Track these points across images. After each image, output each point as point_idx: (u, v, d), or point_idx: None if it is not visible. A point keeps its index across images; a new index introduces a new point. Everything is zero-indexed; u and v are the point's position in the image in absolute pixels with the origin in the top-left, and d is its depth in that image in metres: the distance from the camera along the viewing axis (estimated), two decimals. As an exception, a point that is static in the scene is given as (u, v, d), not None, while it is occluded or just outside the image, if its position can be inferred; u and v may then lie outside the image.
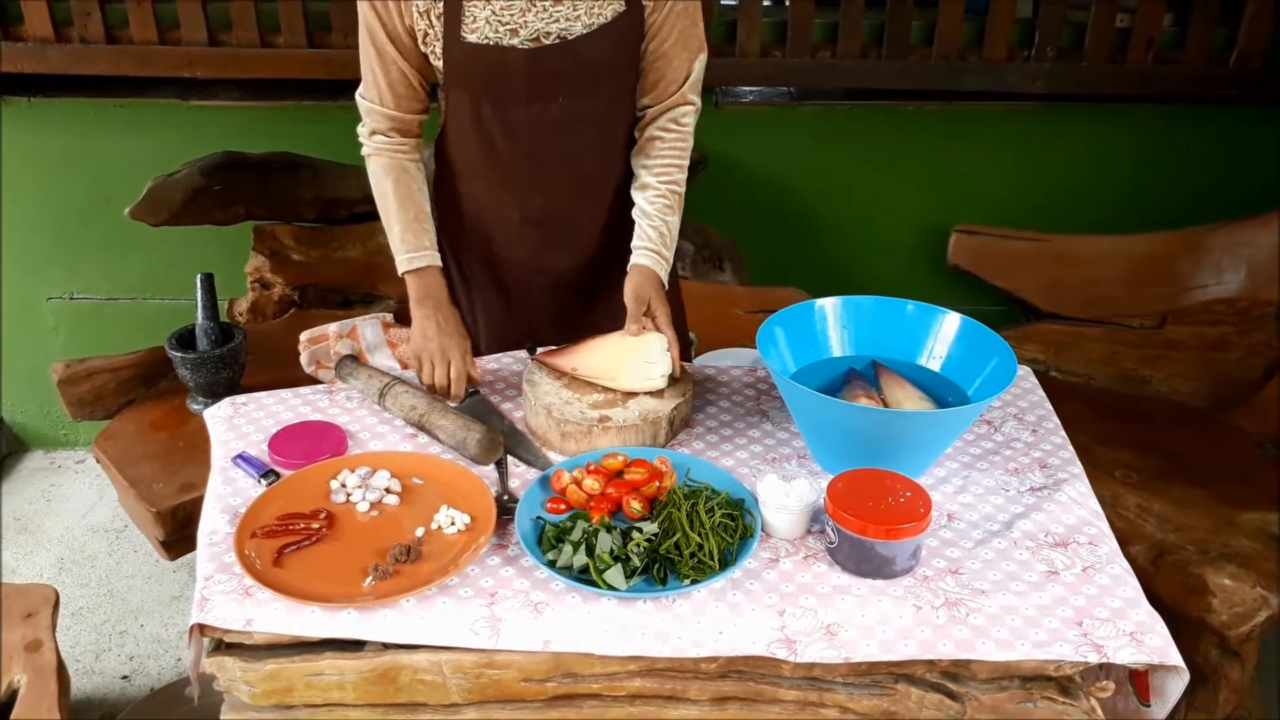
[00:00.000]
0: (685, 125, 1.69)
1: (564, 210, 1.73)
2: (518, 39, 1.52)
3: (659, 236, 1.65)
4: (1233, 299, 2.55)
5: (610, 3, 1.54)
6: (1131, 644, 1.18)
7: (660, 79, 1.64)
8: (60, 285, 2.95)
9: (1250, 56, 2.61)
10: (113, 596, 2.60)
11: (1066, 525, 1.37)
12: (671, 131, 1.68)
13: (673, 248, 1.67)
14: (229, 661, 1.22)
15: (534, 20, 1.51)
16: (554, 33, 1.53)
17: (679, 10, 1.58)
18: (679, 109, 1.67)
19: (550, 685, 1.22)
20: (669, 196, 1.67)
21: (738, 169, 2.80)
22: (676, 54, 1.62)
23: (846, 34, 2.61)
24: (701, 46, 1.65)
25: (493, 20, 1.51)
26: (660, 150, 1.67)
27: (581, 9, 1.52)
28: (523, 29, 1.52)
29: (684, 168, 1.69)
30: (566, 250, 1.78)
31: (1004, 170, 2.83)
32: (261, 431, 1.56)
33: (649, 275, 1.63)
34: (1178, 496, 2.12)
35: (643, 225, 1.66)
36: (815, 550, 1.32)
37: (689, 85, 1.66)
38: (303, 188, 2.61)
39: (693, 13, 1.61)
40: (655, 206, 1.66)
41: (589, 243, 1.78)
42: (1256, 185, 2.73)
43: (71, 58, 2.56)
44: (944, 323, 1.56)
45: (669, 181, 1.67)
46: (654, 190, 1.66)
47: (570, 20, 1.52)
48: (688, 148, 1.70)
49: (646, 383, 1.55)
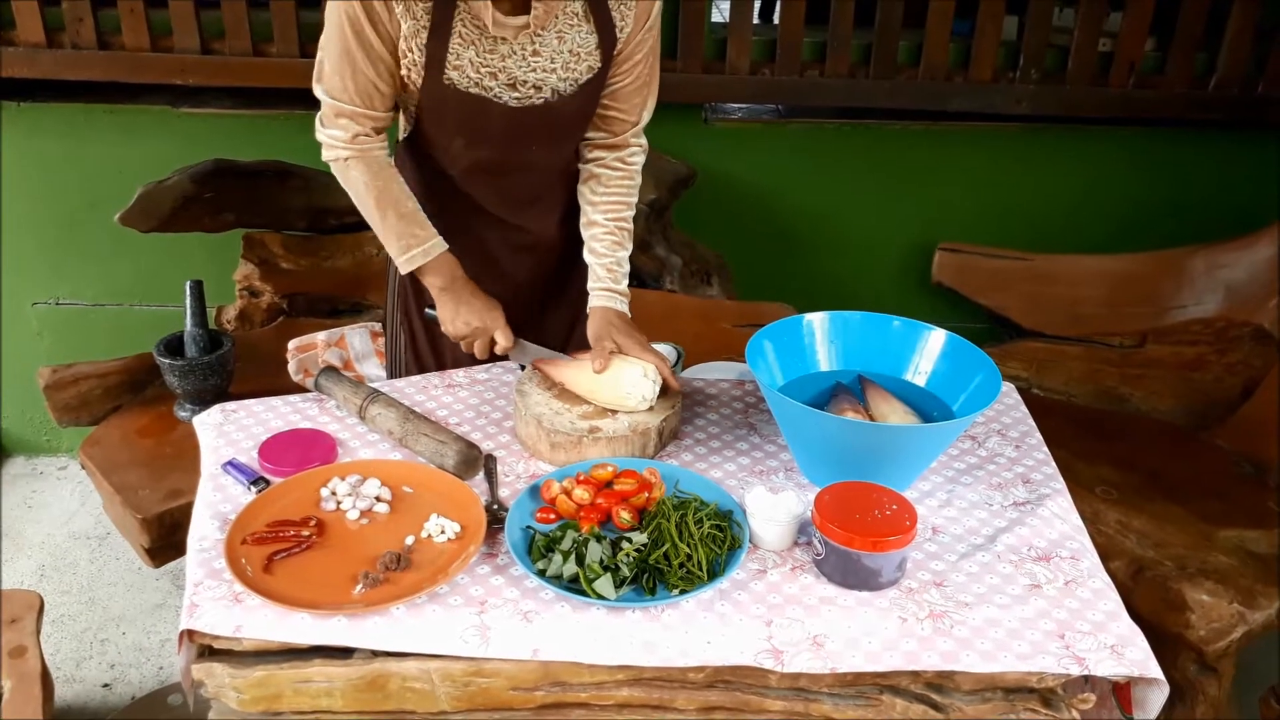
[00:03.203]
0: (633, 164, 1.74)
1: (514, 226, 1.77)
2: (496, 84, 1.55)
3: (608, 274, 1.70)
4: (1211, 319, 2.59)
5: (585, 59, 1.58)
6: (1112, 656, 1.20)
7: (614, 119, 1.70)
8: (47, 290, 2.93)
9: (1230, 81, 2.66)
10: (94, 604, 2.58)
11: (1049, 540, 1.39)
12: (619, 170, 1.73)
13: (625, 279, 1.72)
14: (217, 668, 1.22)
15: (512, 67, 1.55)
16: (530, 82, 1.56)
17: (640, 58, 1.63)
18: (627, 150, 1.73)
19: (539, 694, 1.23)
20: (617, 234, 1.72)
21: (726, 185, 2.82)
22: (631, 97, 1.67)
23: (835, 53, 2.64)
24: (653, 93, 1.70)
25: (475, 61, 1.53)
26: (605, 189, 1.72)
27: (559, 63, 1.56)
28: (501, 74, 1.55)
29: (631, 205, 1.74)
30: (518, 260, 1.82)
31: (988, 189, 2.86)
32: (252, 438, 1.57)
33: (605, 314, 1.67)
34: (1157, 513, 2.15)
35: (594, 265, 1.71)
36: (802, 562, 1.34)
37: (638, 129, 1.72)
38: (293, 196, 2.62)
39: (653, 61, 1.67)
40: (604, 244, 1.71)
41: (539, 251, 1.83)
42: (1236, 207, 2.78)
43: (63, 63, 2.56)
44: (929, 339, 1.58)
45: (616, 219, 1.72)
46: (601, 228, 1.71)
47: (547, 72, 1.56)
48: (634, 185, 1.75)
49: (628, 407, 1.56)
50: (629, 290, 1.72)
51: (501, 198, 1.74)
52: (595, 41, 1.57)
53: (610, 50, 1.58)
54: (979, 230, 2.82)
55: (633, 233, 1.75)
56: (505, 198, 1.74)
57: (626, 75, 1.64)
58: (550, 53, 1.55)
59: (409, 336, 1.90)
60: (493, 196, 1.73)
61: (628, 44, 1.60)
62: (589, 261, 1.72)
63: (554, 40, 1.54)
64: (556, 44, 1.55)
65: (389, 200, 1.62)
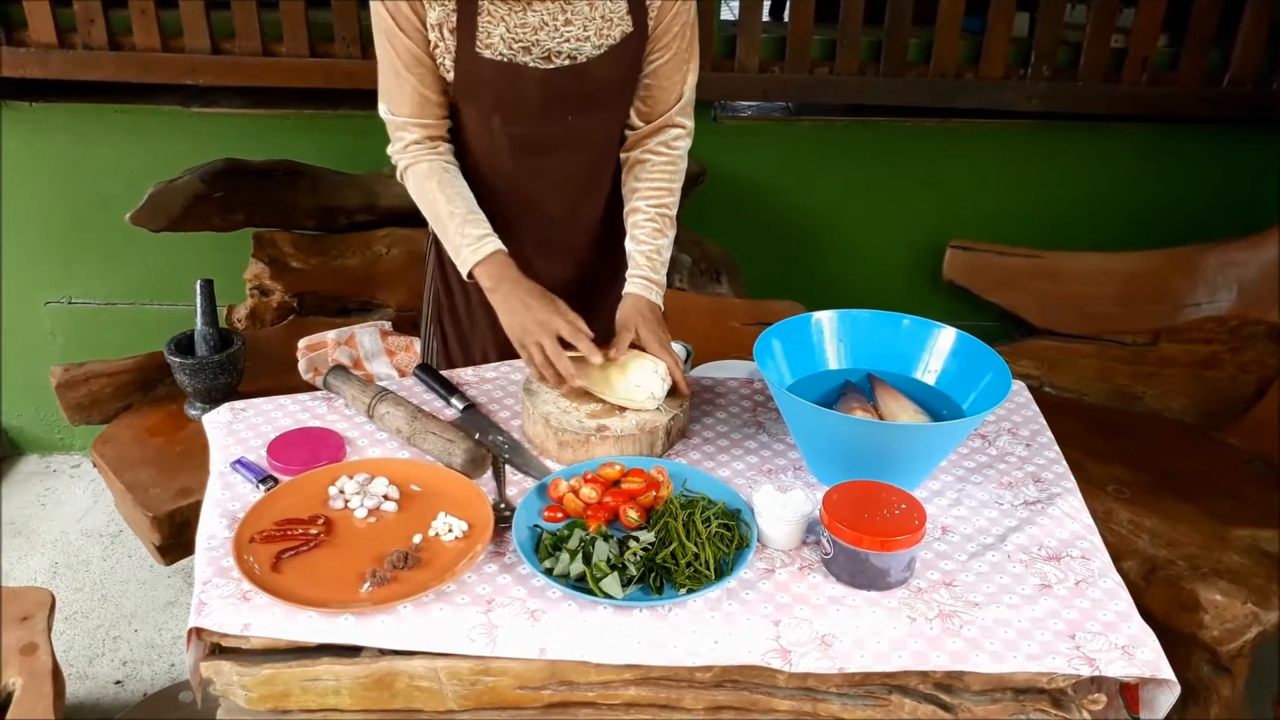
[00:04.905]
0: (676, 149, 1.70)
1: (558, 221, 1.75)
2: (530, 57, 1.54)
3: (647, 262, 1.67)
4: (1224, 317, 2.57)
5: (618, 24, 1.56)
6: (1123, 657, 1.19)
7: (652, 97, 1.67)
8: (59, 289, 2.95)
9: (1243, 78, 2.64)
10: (106, 601, 2.60)
11: (1059, 539, 1.38)
12: (662, 155, 1.70)
13: (664, 269, 1.69)
14: (226, 666, 1.23)
15: (545, 39, 1.54)
16: (564, 52, 1.55)
17: (677, 31, 1.61)
18: (670, 131, 1.69)
19: (546, 693, 1.23)
20: (659, 220, 1.68)
21: (735, 183, 2.82)
22: (671, 74, 1.64)
23: (844, 51, 2.63)
24: (694, 69, 1.67)
25: (506, 38, 1.53)
26: (650, 174, 1.69)
27: (591, 30, 1.55)
28: (534, 47, 1.54)
29: (675, 191, 1.71)
30: (559, 260, 1.80)
31: (999, 187, 2.85)
32: (260, 437, 1.57)
33: (637, 302, 1.64)
34: (1169, 512, 2.13)
35: (633, 251, 1.68)
36: (810, 561, 1.33)
37: (680, 107, 1.68)
38: (303, 196, 2.62)
39: (690, 35, 1.64)
40: (645, 231, 1.68)
41: (581, 254, 1.81)
42: (1249, 205, 2.76)
43: (74, 63, 2.58)
44: (939, 337, 1.57)
45: (658, 205, 1.69)
46: (644, 214, 1.68)
47: (580, 41, 1.55)
48: (679, 171, 1.71)
49: (634, 402, 1.55)
50: (665, 282, 1.68)
51: (543, 181, 1.70)
52: (626, 6, 1.56)
53: (642, 13, 1.57)
54: (990, 228, 2.80)
55: (675, 222, 1.71)
56: (546, 180, 1.70)
57: (665, 51, 1.61)
58: (583, 20, 1.54)
59: (441, 340, 1.90)
60: (534, 181, 1.70)
61: (662, 15, 1.58)
62: (628, 249, 1.69)
63: (585, 7, 1.53)
64: (588, 10, 1.54)
65: (442, 205, 1.61)
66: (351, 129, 2.74)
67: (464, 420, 1.60)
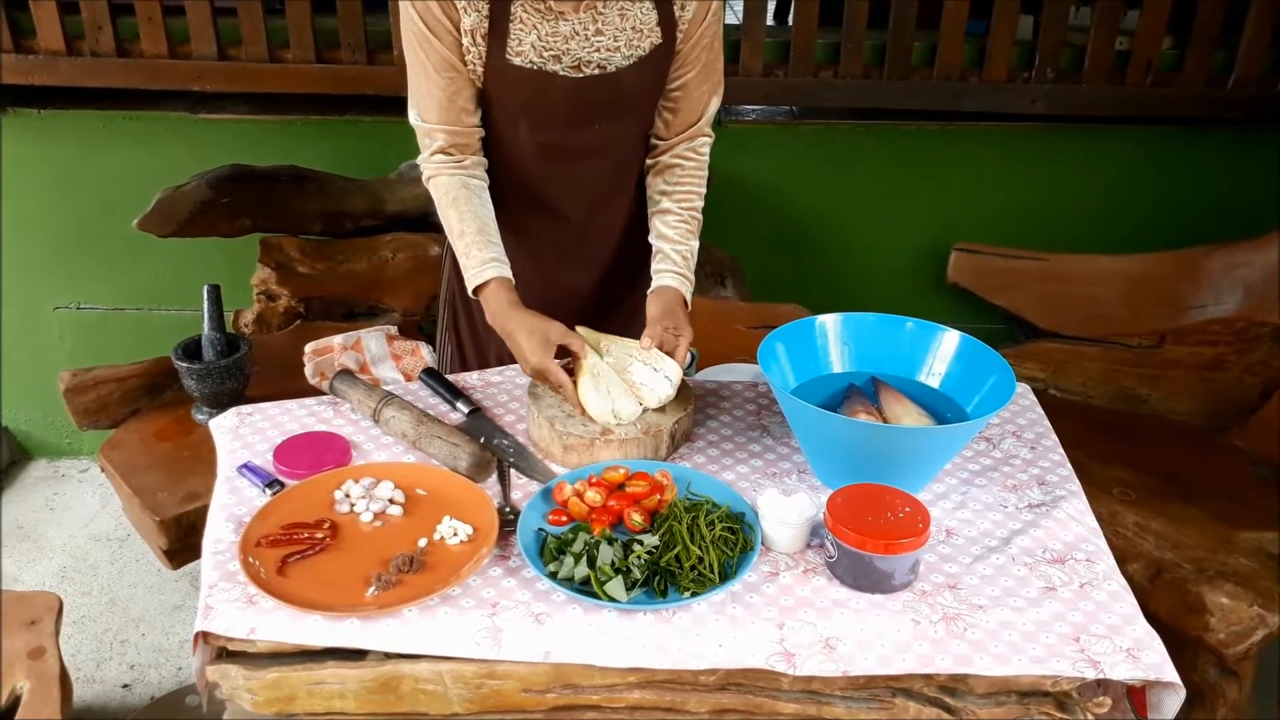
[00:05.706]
0: (704, 155, 1.73)
1: (580, 226, 1.76)
2: (560, 65, 1.55)
3: (682, 260, 1.68)
4: (1230, 319, 2.56)
5: (648, 35, 1.57)
6: (1128, 660, 1.19)
7: (678, 111, 1.68)
8: (67, 295, 2.97)
9: (1248, 80, 2.64)
10: (114, 605, 2.61)
11: (1064, 542, 1.38)
12: (691, 160, 1.72)
13: (693, 271, 1.70)
14: (232, 669, 1.23)
15: (576, 48, 1.54)
16: (594, 61, 1.56)
17: (705, 44, 1.62)
18: (698, 139, 1.72)
19: (550, 696, 1.23)
20: (690, 222, 1.70)
21: (740, 186, 2.82)
22: (697, 86, 1.66)
23: (849, 54, 2.64)
24: (719, 82, 1.69)
25: (538, 46, 1.53)
26: (680, 177, 1.71)
27: (622, 40, 1.56)
28: (565, 56, 1.55)
29: (702, 196, 1.73)
30: (579, 265, 1.81)
31: (1004, 189, 2.85)
32: (267, 441, 1.58)
33: (676, 296, 1.65)
34: (1175, 515, 2.13)
35: (665, 249, 1.69)
36: (815, 564, 1.34)
37: (705, 120, 1.70)
38: (309, 201, 2.63)
39: (716, 48, 1.65)
40: (677, 231, 1.69)
41: (602, 259, 1.82)
42: (1254, 207, 2.75)
43: (82, 70, 2.59)
44: (943, 340, 1.57)
45: (689, 207, 1.71)
46: (675, 215, 1.70)
47: (610, 51, 1.56)
48: (704, 177, 1.74)
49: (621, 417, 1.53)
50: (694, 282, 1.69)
51: (567, 187, 1.71)
52: (656, 18, 1.57)
53: (671, 25, 1.58)
54: (994, 231, 2.80)
55: (701, 225, 1.72)
56: (570, 186, 1.71)
57: (694, 64, 1.63)
58: (613, 30, 1.55)
59: (456, 346, 1.92)
60: (557, 187, 1.71)
61: (691, 29, 1.59)
62: (659, 246, 1.69)
63: (616, 18, 1.54)
64: (619, 21, 1.54)
65: (454, 223, 1.61)
66: (358, 134, 2.76)
67: (469, 424, 1.61)
